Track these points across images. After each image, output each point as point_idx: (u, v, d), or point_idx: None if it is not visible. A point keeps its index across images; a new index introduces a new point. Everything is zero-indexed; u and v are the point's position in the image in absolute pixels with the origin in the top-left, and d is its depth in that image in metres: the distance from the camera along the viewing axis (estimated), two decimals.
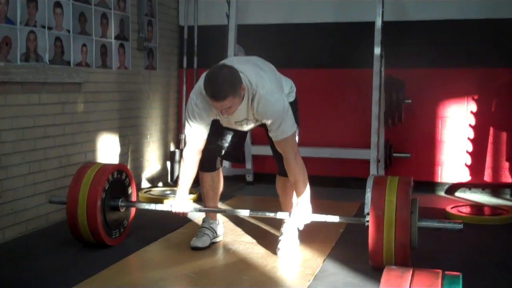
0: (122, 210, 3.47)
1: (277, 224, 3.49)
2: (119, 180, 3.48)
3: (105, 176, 3.33)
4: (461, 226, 3.02)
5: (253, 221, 3.96)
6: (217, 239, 3.51)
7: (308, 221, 3.19)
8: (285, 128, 3.06)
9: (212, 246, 3.46)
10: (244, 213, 3.39)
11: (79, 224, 3.27)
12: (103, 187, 3.30)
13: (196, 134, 3.18)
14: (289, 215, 3.22)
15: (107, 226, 3.36)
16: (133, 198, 3.63)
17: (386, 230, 2.89)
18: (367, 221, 2.98)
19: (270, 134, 3.13)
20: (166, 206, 3.40)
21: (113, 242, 3.42)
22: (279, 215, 3.26)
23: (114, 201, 3.41)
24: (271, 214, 3.27)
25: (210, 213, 3.50)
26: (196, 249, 3.33)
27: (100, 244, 3.35)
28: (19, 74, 3.55)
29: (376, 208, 2.93)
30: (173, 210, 3.29)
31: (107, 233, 3.36)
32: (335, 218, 3.23)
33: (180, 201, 3.28)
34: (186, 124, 3.21)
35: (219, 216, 3.60)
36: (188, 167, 3.25)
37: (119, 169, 3.49)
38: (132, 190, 3.59)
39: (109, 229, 3.38)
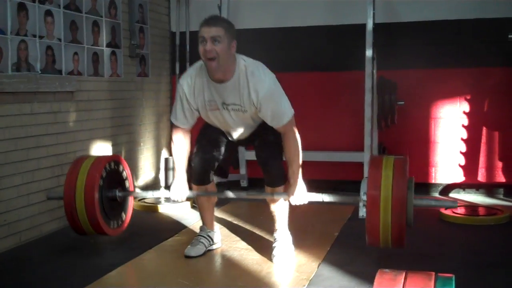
0: (120, 200, 3.47)
1: (272, 229, 3.49)
2: (116, 171, 3.49)
3: (102, 166, 3.34)
4: (456, 204, 3.10)
5: (247, 227, 3.96)
6: (214, 246, 3.49)
7: (305, 201, 3.21)
8: (285, 110, 3.11)
9: (207, 253, 3.45)
10: (241, 195, 3.54)
11: (78, 214, 3.27)
12: (101, 175, 3.30)
13: (183, 117, 3.21)
14: (287, 195, 3.25)
15: (106, 215, 3.35)
16: (131, 189, 3.65)
17: (383, 208, 2.90)
18: (364, 200, 3.00)
19: (271, 123, 3.12)
20: (164, 193, 3.41)
21: (112, 232, 3.44)
22: (276, 195, 3.29)
23: (111, 191, 3.42)
24: (268, 195, 3.33)
25: (208, 222, 3.49)
26: (189, 257, 3.32)
27: (99, 234, 3.40)
28: (11, 84, 3.54)
29: (372, 187, 2.94)
30: (172, 198, 3.32)
31: (106, 222, 3.35)
32: (331, 198, 3.27)
33: (178, 187, 3.30)
34: (173, 110, 3.26)
35: (216, 223, 3.60)
36: (179, 148, 3.30)
37: (115, 160, 3.50)
38: (129, 182, 3.58)
39: (107, 218, 3.37)
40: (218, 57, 2.99)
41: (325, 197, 3.24)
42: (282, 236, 3.32)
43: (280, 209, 3.35)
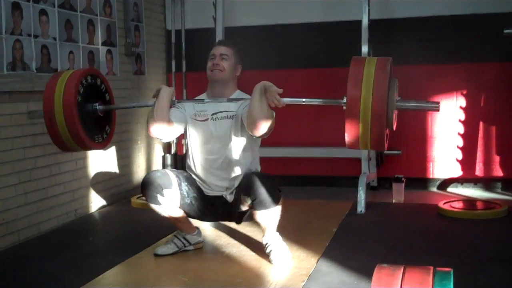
0: (102, 114, 3.38)
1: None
2: (94, 85, 3.37)
3: (77, 81, 3.22)
4: (438, 105, 2.96)
5: (246, 223, 3.95)
6: (191, 248, 3.41)
7: (281, 102, 3.06)
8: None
9: (205, 249, 3.46)
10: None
11: (60, 132, 3.21)
12: (78, 91, 3.21)
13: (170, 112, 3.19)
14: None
15: (89, 131, 3.28)
16: (112, 103, 3.54)
17: (363, 106, 2.77)
18: (345, 103, 2.85)
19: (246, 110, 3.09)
20: (148, 103, 3.43)
21: (97, 146, 3.41)
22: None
23: (91, 106, 3.32)
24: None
25: (182, 228, 3.39)
26: (157, 255, 3.30)
27: (85, 149, 3.38)
28: (6, 84, 3.53)
29: (353, 84, 2.81)
30: (162, 92, 3.20)
31: (90, 137, 3.28)
32: (313, 101, 3.27)
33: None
34: None
35: (201, 224, 3.57)
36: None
37: (92, 73, 3.39)
38: (109, 95, 3.49)
39: (91, 133, 3.31)
40: (224, 71, 3.22)
41: (307, 101, 3.17)
42: (273, 238, 3.22)
43: (271, 222, 3.19)
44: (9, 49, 3.59)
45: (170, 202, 3.20)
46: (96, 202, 4.50)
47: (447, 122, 5.13)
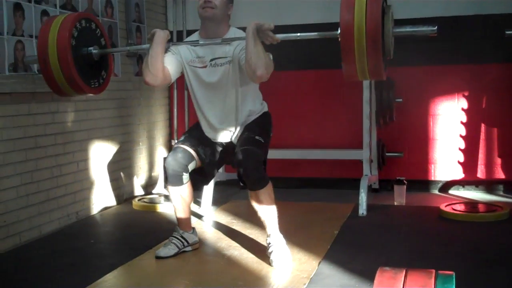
0: (97, 58, 3.36)
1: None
2: (88, 28, 3.35)
3: (71, 25, 3.20)
4: (434, 28, 2.95)
5: (247, 226, 3.95)
6: (189, 248, 3.42)
7: (276, 39, 3.11)
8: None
9: (206, 251, 3.46)
10: None
11: (55, 77, 3.19)
12: (71, 34, 3.19)
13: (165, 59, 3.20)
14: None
15: (84, 75, 3.27)
16: (108, 47, 3.54)
17: (357, 31, 2.72)
18: (339, 34, 2.82)
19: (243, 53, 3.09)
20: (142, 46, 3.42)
21: (94, 91, 3.40)
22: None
23: (86, 50, 3.30)
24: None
25: (182, 223, 3.41)
26: (158, 258, 3.30)
27: (80, 93, 3.38)
28: (8, 85, 3.53)
29: (345, 10, 2.76)
30: (156, 35, 3.19)
31: (85, 81, 3.27)
32: (308, 35, 3.24)
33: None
34: None
35: (197, 222, 3.56)
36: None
37: (86, 17, 3.37)
38: (105, 39, 3.47)
39: (87, 78, 3.29)
40: (215, 8, 3.18)
41: (300, 35, 3.17)
42: (276, 240, 3.24)
43: (268, 214, 3.24)
44: (11, 50, 3.59)
45: (189, 183, 3.30)
46: (97, 204, 4.50)
47: (449, 124, 5.12)
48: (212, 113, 3.32)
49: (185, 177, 3.28)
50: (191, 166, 3.30)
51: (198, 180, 3.43)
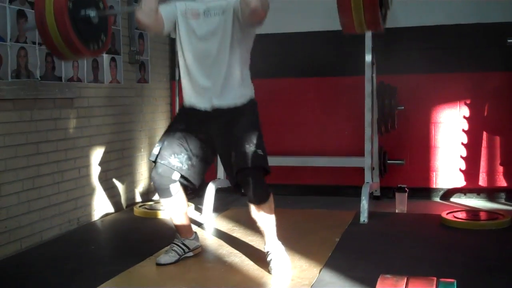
0: (95, 21, 3.29)
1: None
2: None
3: None
4: None
5: (248, 232, 3.95)
6: (190, 254, 3.42)
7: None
8: None
9: (207, 258, 3.45)
10: None
11: (54, 41, 3.13)
12: None
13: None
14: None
15: (83, 38, 3.22)
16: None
17: None
18: None
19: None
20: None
21: (93, 54, 3.40)
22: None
23: (83, 12, 3.25)
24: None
25: (181, 231, 3.41)
26: (159, 265, 3.29)
27: (80, 56, 3.38)
28: (11, 91, 3.54)
29: None
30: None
31: (85, 45, 3.23)
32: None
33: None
34: None
35: (198, 229, 3.54)
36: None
37: None
38: (103, 4, 3.42)
39: (85, 41, 3.25)
40: None
41: None
42: (274, 247, 3.23)
43: (267, 223, 3.23)
44: (14, 57, 3.60)
45: (179, 192, 3.29)
46: (98, 210, 4.50)
47: (451, 131, 5.12)
48: (199, 71, 3.20)
49: (173, 187, 3.27)
50: (175, 176, 3.26)
51: (192, 182, 3.36)
